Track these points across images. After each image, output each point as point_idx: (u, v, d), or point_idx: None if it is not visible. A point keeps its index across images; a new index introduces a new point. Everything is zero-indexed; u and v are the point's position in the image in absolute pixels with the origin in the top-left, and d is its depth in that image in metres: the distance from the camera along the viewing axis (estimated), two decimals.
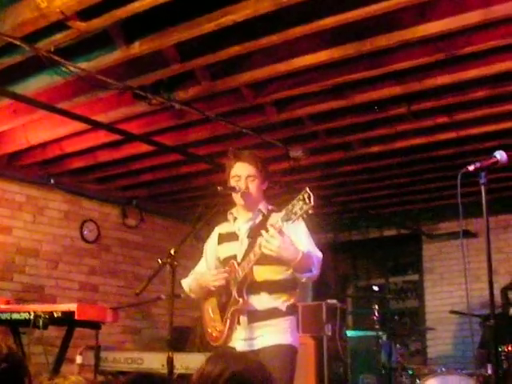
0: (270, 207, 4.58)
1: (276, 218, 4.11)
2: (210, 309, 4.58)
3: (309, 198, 3.75)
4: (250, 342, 4.38)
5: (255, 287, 4.36)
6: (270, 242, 3.98)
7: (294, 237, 4.28)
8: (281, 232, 3.99)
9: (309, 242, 4.38)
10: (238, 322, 4.40)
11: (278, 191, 8.98)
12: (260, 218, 4.50)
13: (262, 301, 4.37)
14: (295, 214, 3.83)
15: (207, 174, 8.96)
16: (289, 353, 4.37)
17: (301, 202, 3.79)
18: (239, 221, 4.60)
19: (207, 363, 2.58)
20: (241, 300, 4.30)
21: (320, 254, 4.36)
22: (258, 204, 4.55)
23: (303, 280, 4.30)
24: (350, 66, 5.88)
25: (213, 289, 4.52)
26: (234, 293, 4.34)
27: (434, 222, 11.10)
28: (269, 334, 4.33)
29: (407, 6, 4.85)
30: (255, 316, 4.37)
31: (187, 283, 4.80)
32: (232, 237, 4.59)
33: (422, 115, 6.98)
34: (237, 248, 4.48)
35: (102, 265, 9.75)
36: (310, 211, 3.79)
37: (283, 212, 3.93)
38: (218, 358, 2.61)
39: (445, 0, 4.87)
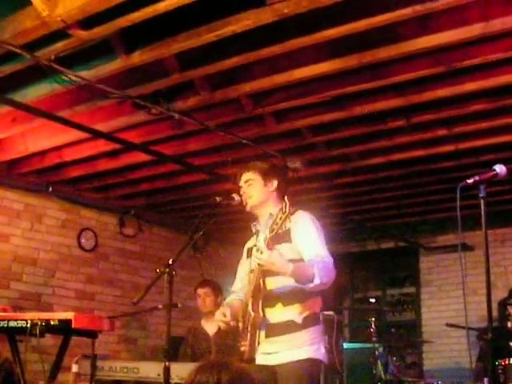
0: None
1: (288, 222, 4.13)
2: (239, 323, 4.46)
3: (285, 206, 3.86)
4: (267, 357, 4.32)
5: (270, 299, 4.28)
6: (258, 257, 3.98)
7: (300, 243, 4.28)
8: (269, 245, 3.97)
9: (315, 248, 4.27)
10: (259, 336, 4.29)
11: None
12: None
13: (276, 313, 4.29)
14: (276, 224, 3.91)
15: (206, 184, 8.96)
16: (306, 368, 4.22)
17: (280, 212, 3.89)
18: (260, 232, 4.52)
19: (197, 374, 2.57)
20: (253, 314, 4.22)
21: (328, 260, 4.22)
22: (266, 207, 4.50)
23: (308, 290, 4.12)
24: (350, 78, 5.89)
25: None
26: (250, 307, 4.26)
27: (431, 234, 11.11)
28: (284, 351, 4.25)
29: (408, 19, 4.86)
30: (272, 330, 4.29)
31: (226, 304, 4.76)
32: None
33: (421, 127, 6.99)
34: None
35: (99, 274, 9.74)
36: (288, 220, 3.93)
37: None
38: (209, 368, 2.60)
39: (445, 13, 4.88)
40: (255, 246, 4.46)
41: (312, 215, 4.47)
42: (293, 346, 4.25)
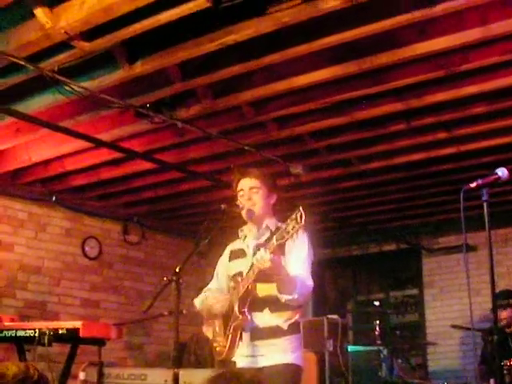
0: (279, 224, 4.45)
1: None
2: (217, 323, 4.58)
3: (300, 217, 3.77)
4: (252, 360, 4.38)
5: (258, 304, 4.36)
6: (260, 257, 4.00)
7: (291, 258, 4.33)
8: (275, 251, 4.00)
9: (302, 267, 4.35)
10: (241, 339, 4.40)
11: (278, 208, 9.01)
12: (267, 235, 4.46)
13: (264, 318, 4.36)
14: (287, 233, 3.85)
15: (208, 191, 9.00)
16: (291, 372, 4.35)
17: (293, 222, 3.81)
18: (248, 238, 4.63)
19: None
20: (241, 316, 4.30)
21: (310, 283, 4.33)
22: (264, 218, 4.57)
23: (282, 300, 4.20)
24: (350, 84, 5.94)
25: (216, 312, 4.55)
26: (236, 308, 4.33)
27: (433, 236, 11.12)
28: (271, 354, 4.33)
29: (407, 25, 4.90)
30: (257, 333, 4.37)
31: (198, 302, 4.82)
32: (241, 253, 4.60)
33: (421, 131, 7.03)
34: (244, 265, 4.46)
35: (103, 281, 9.79)
36: (301, 230, 3.88)
37: (278, 231, 3.97)
38: (221, 379, 2.65)
39: (444, 18, 4.93)
40: (242, 249, 4.62)
41: (307, 235, 4.51)
42: (279, 350, 4.34)
